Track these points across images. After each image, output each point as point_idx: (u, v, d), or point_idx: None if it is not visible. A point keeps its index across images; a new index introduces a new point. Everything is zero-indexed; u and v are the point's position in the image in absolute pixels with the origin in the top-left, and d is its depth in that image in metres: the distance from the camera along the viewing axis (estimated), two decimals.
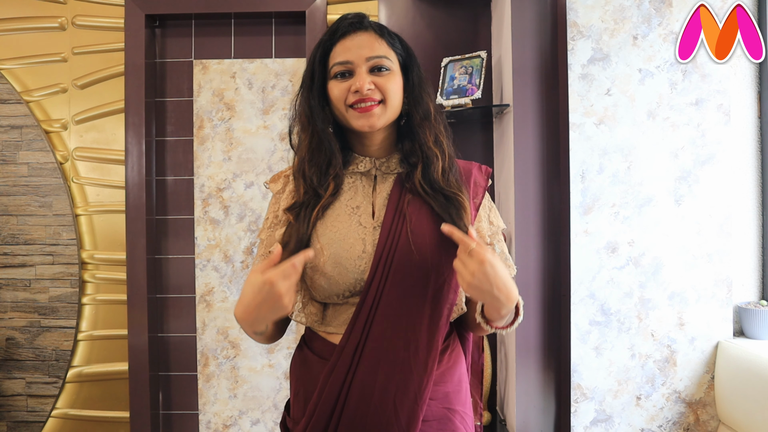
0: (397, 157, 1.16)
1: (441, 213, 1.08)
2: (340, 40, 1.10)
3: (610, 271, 2.13)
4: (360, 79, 1.07)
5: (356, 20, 1.11)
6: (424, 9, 2.43)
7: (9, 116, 2.51)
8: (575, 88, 2.13)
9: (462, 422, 1.13)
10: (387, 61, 1.10)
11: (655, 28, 2.11)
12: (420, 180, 1.11)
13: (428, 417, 1.08)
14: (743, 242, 2.18)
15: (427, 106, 1.13)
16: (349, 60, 1.09)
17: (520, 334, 2.09)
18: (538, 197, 2.12)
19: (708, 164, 2.11)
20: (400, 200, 1.11)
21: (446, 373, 1.12)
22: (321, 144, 1.12)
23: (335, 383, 1.05)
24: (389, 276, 1.06)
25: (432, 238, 1.07)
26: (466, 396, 1.17)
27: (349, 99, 1.08)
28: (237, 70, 2.52)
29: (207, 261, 2.53)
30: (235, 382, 2.53)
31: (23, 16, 2.50)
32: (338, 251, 1.08)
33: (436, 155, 1.11)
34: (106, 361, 2.51)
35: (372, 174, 1.16)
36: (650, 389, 2.13)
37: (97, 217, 2.52)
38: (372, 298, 1.06)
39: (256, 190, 2.53)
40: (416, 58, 1.16)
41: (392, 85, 1.10)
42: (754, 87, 2.19)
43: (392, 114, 1.12)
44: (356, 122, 1.09)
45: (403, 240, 1.07)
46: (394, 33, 1.15)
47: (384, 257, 1.06)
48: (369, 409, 1.03)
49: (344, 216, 1.11)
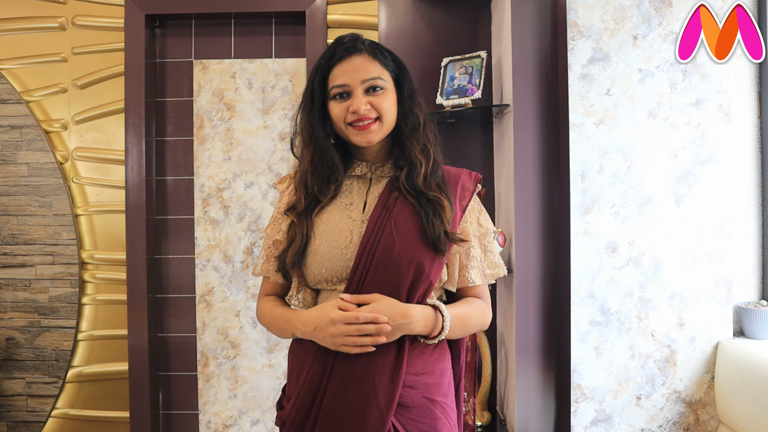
0: (391, 163, 1.28)
1: (419, 211, 1.20)
2: (337, 63, 1.21)
3: (610, 271, 2.13)
4: (357, 101, 1.19)
5: (351, 44, 1.22)
6: (424, 9, 2.43)
7: (9, 116, 2.51)
8: (575, 88, 2.13)
9: (443, 412, 1.22)
10: (381, 81, 1.21)
11: (655, 28, 2.11)
12: (404, 182, 1.22)
13: (409, 404, 1.18)
14: (743, 242, 2.18)
15: (417, 119, 1.25)
16: (346, 83, 1.20)
17: (520, 334, 2.09)
18: (538, 197, 2.12)
19: (708, 164, 2.11)
20: (389, 198, 1.22)
21: (428, 365, 1.21)
22: (323, 158, 1.24)
23: (321, 363, 1.17)
24: (372, 264, 1.16)
25: (413, 233, 1.18)
26: (449, 389, 1.26)
27: (348, 118, 1.20)
28: (237, 70, 2.52)
29: (207, 261, 2.53)
30: (235, 382, 2.53)
31: (23, 16, 2.50)
32: (328, 240, 1.20)
33: (420, 162, 1.22)
34: (106, 361, 2.51)
35: (368, 177, 1.28)
36: (650, 389, 2.13)
37: (97, 217, 2.52)
38: (356, 283, 1.16)
39: (256, 190, 2.53)
40: (408, 72, 1.27)
41: (386, 103, 1.21)
42: (754, 87, 2.19)
43: (388, 128, 1.24)
44: (355, 138, 1.21)
45: (387, 232, 1.17)
46: (386, 51, 1.26)
47: (368, 247, 1.17)
48: (350, 387, 1.14)
49: (337, 211, 1.24)
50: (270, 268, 1.29)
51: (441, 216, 1.19)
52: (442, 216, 1.19)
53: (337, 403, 1.14)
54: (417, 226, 1.18)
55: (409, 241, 1.17)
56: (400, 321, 1.13)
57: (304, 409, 1.17)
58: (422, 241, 1.17)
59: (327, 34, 2.44)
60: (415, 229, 1.18)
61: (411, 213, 1.20)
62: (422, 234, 1.18)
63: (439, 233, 1.17)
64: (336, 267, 1.19)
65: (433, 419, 1.19)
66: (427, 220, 1.18)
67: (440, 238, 1.17)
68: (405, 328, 1.14)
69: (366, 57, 1.21)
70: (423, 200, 1.20)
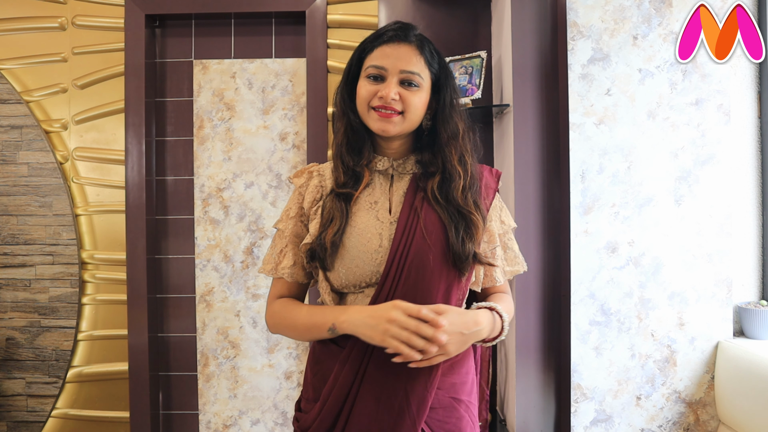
0: (413, 159, 1.24)
1: (447, 224, 1.15)
2: (382, 45, 1.17)
3: (610, 271, 2.13)
4: (388, 88, 1.14)
5: (402, 32, 1.17)
6: (424, 9, 2.43)
7: (9, 116, 2.51)
8: (575, 88, 2.13)
9: (467, 411, 1.19)
10: (418, 77, 1.16)
11: (655, 28, 2.11)
12: (435, 189, 1.17)
13: (435, 405, 1.14)
14: (743, 242, 2.18)
15: (456, 127, 1.20)
16: (383, 66, 1.15)
17: (520, 334, 2.09)
18: (538, 197, 2.12)
19: (708, 164, 2.11)
20: (414, 200, 1.18)
21: (455, 365, 1.18)
22: (355, 131, 1.20)
23: (350, 371, 1.12)
24: (404, 269, 1.12)
25: (443, 239, 1.14)
26: (472, 387, 1.23)
27: (374, 102, 1.16)
28: (237, 70, 2.52)
29: (207, 261, 2.53)
30: (235, 382, 2.53)
31: (23, 16, 2.50)
32: (356, 244, 1.15)
33: (459, 173, 1.18)
34: (106, 361, 2.51)
35: (389, 173, 1.24)
36: (650, 389, 2.13)
37: (97, 217, 2.52)
38: (387, 289, 1.12)
39: (256, 190, 2.53)
40: (452, 78, 1.22)
41: (416, 101, 1.16)
42: (754, 87, 2.19)
43: (409, 126, 1.18)
44: (374, 124, 1.17)
45: (419, 236, 1.14)
46: (436, 51, 1.21)
47: (400, 251, 1.13)
48: (381, 397, 1.09)
49: (363, 211, 1.19)
50: (296, 269, 1.23)
51: (473, 235, 1.14)
52: (473, 235, 1.14)
53: (368, 410, 1.10)
54: (444, 234, 1.14)
55: (440, 246, 1.13)
56: (473, 329, 1.09)
57: (333, 415, 1.12)
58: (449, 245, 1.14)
59: (327, 34, 2.44)
60: (443, 237, 1.14)
61: (437, 221, 1.16)
62: (448, 239, 1.14)
63: (468, 253, 1.13)
64: (366, 272, 1.15)
65: (458, 418, 1.17)
66: (457, 235, 1.14)
67: (467, 257, 1.13)
68: (477, 335, 1.10)
69: (413, 49, 1.17)
70: (453, 213, 1.16)
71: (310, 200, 1.23)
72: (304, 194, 1.25)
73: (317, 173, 1.26)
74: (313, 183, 1.24)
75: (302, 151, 2.51)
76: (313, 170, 1.27)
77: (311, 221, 1.21)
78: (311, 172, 1.27)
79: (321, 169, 1.27)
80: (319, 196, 1.23)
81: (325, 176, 1.25)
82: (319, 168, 1.28)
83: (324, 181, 1.24)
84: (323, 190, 1.23)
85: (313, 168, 1.28)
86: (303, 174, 1.28)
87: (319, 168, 1.28)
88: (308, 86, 2.43)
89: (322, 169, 1.27)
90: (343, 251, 1.15)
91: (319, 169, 1.28)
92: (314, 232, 1.18)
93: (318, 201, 1.23)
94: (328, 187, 1.23)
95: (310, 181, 1.25)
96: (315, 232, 1.18)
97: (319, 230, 1.17)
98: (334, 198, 1.19)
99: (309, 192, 1.24)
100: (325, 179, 1.24)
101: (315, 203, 1.23)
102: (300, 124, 2.51)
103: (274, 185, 2.52)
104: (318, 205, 1.22)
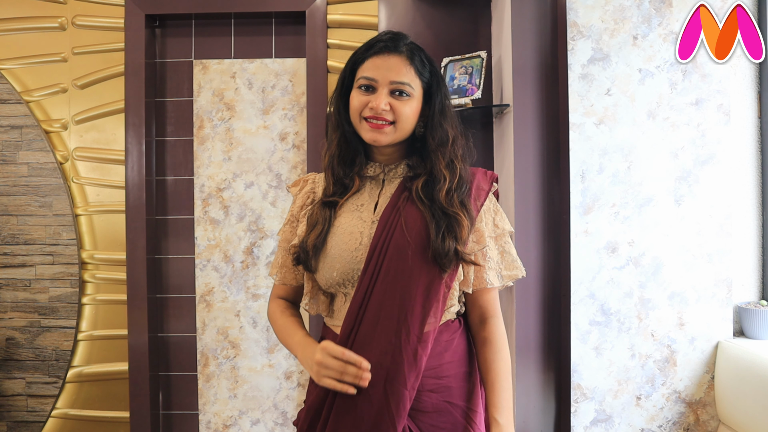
0: (405, 164, 1.25)
1: (428, 220, 1.16)
2: (373, 56, 1.19)
3: (610, 271, 2.13)
4: (378, 99, 1.16)
5: (392, 42, 1.19)
6: (424, 9, 2.43)
7: (9, 116, 2.51)
8: (575, 88, 2.13)
9: (465, 417, 1.18)
10: (408, 87, 1.18)
11: (655, 28, 2.11)
12: (419, 189, 1.19)
13: (427, 408, 1.15)
14: (743, 242, 2.18)
15: (445, 134, 1.21)
16: (374, 78, 1.18)
17: (520, 334, 2.09)
18: (538, 197, 2.12)
19: (708, 164, 2.11)
20: (399, 199, 1.20)
21: (449, 367, 1.18)
22: (348, 142, 1.23)
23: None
24: (383, 265, 1.14)
25: (424, 236, 1.15)
26: (473, 392, 1.21)
27: (365, 112, 1.18)
28: (237, 70, 2.52)
29: (207, 261, 2.53)
30: (235, 382, 2.53)
31: (23, 16, 2.50)
32: (338, 243, 1.18)
33: (444, 177, 1.19)
34: (106, 361, 2.51)
35: (380, 178, 1.26)
36: (650, 389, 2.13)
37: (97, 217, 2.52)
38: (366, 285, 1.14)
39: (256, 190, 2.53)
40: (444, 86, 1.24)
41: (406, 110, 1.18)
42: (754, 87, 2.19)
43: (401, 135, 1.20)
44: (365, 134, 1.19)
45: (398, 232, 1.15)
46: (426, 60, 1.22)
47: (379, 247, 1.15)
48: (359, 394, 1.10)
49: (347, 213, 1.22)
50: (284, 271, 1.30)
51: (456, 233, 1.14)
52: (456, 233, 1.14)
53: (347, 407, 1.11)
54: (425, 231, 1.15)
55: (421, 243, 1.14)
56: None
57: (316, 413, 1.16)
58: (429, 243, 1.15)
59: (327, 34, 2.44)
60: (424, 233, 1.15)
61: (419, 217, 1.16)
62: (428, 241, 1.14)
63: (448, 249, 1.12)
64: (347, 269, 1.17)
65: (453, 423, 1.17)
66: (438, 231, 1.14)
67: (447, 253, 1.12)
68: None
69: (403, 59, 1.18)
70: (437, 211, 1.16)
71: (300, 204, 1.30)
72: (297, 202, 1.31)
73: (312, 181, 1.32)
74: (306, 189, 1.31)
75: (302, 151, 2.51)
76: (309, 178, 1.33)
77: (299, 225, 1.27)
78: (306, 180, 1.33)
79: (317, 177, 1.32)
80: (309, 201, 1.29)
81: (319, 183, 1.30)
82: (315, 177, 1.33)
83: (317, 187, 1.30)
84: (314, 195, 1.29)
85: (309, 177, 1.33)
86: (299, 183, 1.34)
87: (315, 176, 1.33)
88: (308, 86, 2.43)
89: (317, 177, 1.32)
90: (325, 252, 1.19)
91: (315, 177, 1.33)
92: (300, 234, 1.23)
93: (308, 206, 1.28)
94: (319, 193, 1.28)
95: (303, 188, 1.32)
96: (301, 235, 1.23)
97: (304, 234, 1.22)
98: (320, 206, 1.23)
99: (300, 197, 1.31)
100: (318, 186, 1.30)
101: (304, 207, 1.29)
102: (300, 124, 2.51)
103: (274, 185, 2.52)
104: (306, 210, 1.27)
